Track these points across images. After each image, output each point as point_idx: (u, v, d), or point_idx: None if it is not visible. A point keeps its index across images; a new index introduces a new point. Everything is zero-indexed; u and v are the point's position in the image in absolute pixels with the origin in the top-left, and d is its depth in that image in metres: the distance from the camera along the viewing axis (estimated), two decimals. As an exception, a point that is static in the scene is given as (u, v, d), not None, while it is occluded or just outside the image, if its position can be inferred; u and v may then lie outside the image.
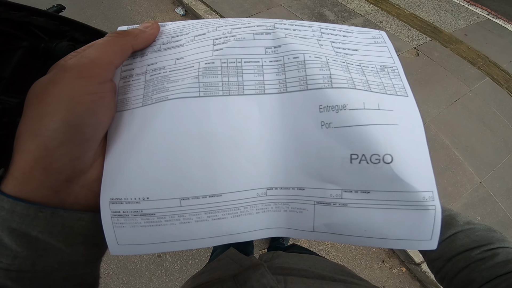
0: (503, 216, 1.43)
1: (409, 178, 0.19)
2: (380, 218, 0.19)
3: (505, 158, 1.62)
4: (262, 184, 0.20)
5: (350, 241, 0.20)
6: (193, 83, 0.20)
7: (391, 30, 2.18)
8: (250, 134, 0.20)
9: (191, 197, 0.19)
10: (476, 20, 2.45)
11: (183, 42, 0.22)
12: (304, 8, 2.27)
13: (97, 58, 0.18)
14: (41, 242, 0.16)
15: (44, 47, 0.24)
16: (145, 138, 0.19)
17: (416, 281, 1.32)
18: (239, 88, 0.20)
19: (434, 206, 0.19)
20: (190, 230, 0.20)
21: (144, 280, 1.19)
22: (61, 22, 0.25)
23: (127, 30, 0.21)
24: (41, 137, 0.16)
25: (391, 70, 0.22)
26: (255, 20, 0.23)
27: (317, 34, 0.23)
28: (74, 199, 0.18)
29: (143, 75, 0.21)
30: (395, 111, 0.20)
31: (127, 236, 0.19)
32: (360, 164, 0.19)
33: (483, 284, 0.27)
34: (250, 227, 0.21)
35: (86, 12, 2.19)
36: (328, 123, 0.19)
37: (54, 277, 0.17)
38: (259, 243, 1.34)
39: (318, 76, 0.20)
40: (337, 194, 0.20)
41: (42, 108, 0.16)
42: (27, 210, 0.16)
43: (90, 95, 0.17)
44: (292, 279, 0.30)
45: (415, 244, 0.19)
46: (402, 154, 0.19)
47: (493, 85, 1.95)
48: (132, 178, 0.19)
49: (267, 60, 0.21)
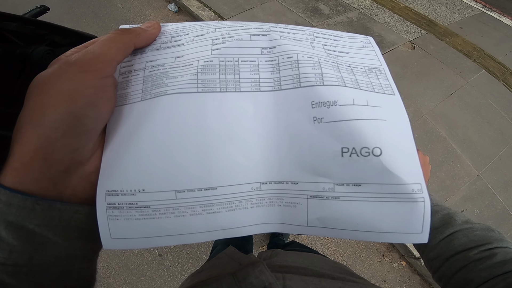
0: (502, 209, 1.43)
1: (397, 170, 0.19)
2: (372, 211, 0.20)
3: (502, 150, 1.62)
4: (256, 178, 0.20)
5: (343, 235, 0.20)
6: (192, 79, 0.21)
7: (386, 24, 2.17)
8: (245, 129, 0.20)
9: (186, 190, 0.19)
10: (471, 13, 2.45)
11: (183, 41, 0.23)
12: (298, 2, 2.25)
13: (100, 54, 0.18)
14: (38, 235, 0.16)
15: (20, 53, 0.23)
16: (143, 131, 0.19)
17: (417, 275, 1.32)
18: (236, 85, 0.21)
19: (423, 198, 0.19)
20: (185, 224, 0.20)
21: (146, 279, 1.21)
22: (37, 26, 0.25)
23: (130, 29, 0.22)
24: (43, 128, 0.16)
25: (378, 71, 0.24)
26: (252, 23, 0.24)
27: (310, 37, 0.25)
28: (72, 191, 0.18)
29: (142, 70, 0.22)
30: (383, 107, 0.21)
31: (121, 229, 0.19)
32: (351, 157, 0.20)
33: (481, 284, 0.27)
34: (245, 222, 0.21)
35: (76, 11, 2.15)
36: (320, 118, 0.20)
37: (51, 271, 0.17)
38: (259, 240, 1.34)
39: (310, 75, 0.21)
40: (329, 188, 0.20)
41: (45, 100, 0.16)
42: (24, 203, 0.16)
43: (93, 88, 0.17)
44: (290, 276, 0.30)
45: (406, 237, 0.20)
46: (390, 148, 0.20)
47: (489, 78, 1.96)
48: (128, 170, 0.19)
49: (263, 59, 0.22)
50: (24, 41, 0.24)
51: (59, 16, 2.05)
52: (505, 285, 0.25)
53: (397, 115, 0.21)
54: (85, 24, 2.07)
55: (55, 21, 0.26)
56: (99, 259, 0.22)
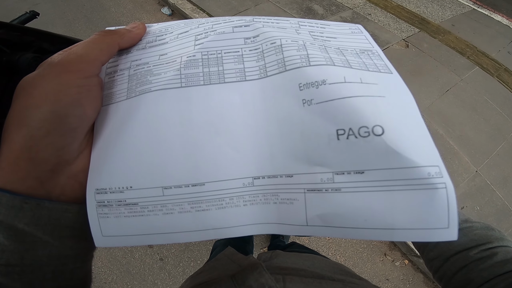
0: (501, 205, 1.43)
1: (406, 151, 0.16)
2: (381, 203, 0.17)
3: (499, 146, 1.63)
4: (248, 173, 0.19)
5: (350, 234, 0.18)
6: (175, 75, 0.20)
7: (380, 23, 2.19)
8: (232, 121, 0.19)
9: (173, 186, 0.19)
10: (462, 10, 2.48)
11: (167, 40, 0.23)
12: (292, 3, 2.26)
13: (83, 54, 0.19)
14: (28, 234, 0.17)
15: (7, 61, 0.23)
16: (129, 128, 0.19)
17: (420, 273, 1.31)
18: (220, 77, 0.20)
19: (445, 184, 0.16)
20: (174, 222, 0.19)
21: (148, 284, 1.21)
22: (23, 33, 0.24)
23: (114, 30, 0.22)
24: (27, 127, 0.16)
25: (371, 52, 0.22)
26: (236, 17, 0.24)
27: (295, 26, 0.24)
28: (60, 191, 0.18)
29: (127, 70, 0.22)
30: (380, 84, 0.19)
31: (111, 227, 0.19)
32: (349, 140, 0.17)
33: (481, 284, 0.26)
34: (238, 221, 0.19)
35: (68, 16, 2.13)
36: (310, 100, 0.18)
37: (43, 271, 0.18)
38: (259, 242, 1.32)
39: (295, 57, 0.20)
40: (328, 178, 0.18)
41: (29, 100, 0.17)
42: (12, 201, 0.16)
43: (76, 87, 0.18)
44: (290, 278, 0.29)
45: (429, 233, 0.16)
46: (394, 125, 0.17)
47: (484, 74, 1.97)
48: (116, 168, 0.19)
49: (247, 49, 0.21)
50: (11, 48, 0.23)
51: (52, 21, 2.04)
52: (506, 285, 0.25)
53: (397, 91, 0.19)
54: (78, 29, 2.06)
55: (47, 26, 0.26)
56: (100, 265, 0.21)
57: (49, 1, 2.19)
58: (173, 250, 1.28)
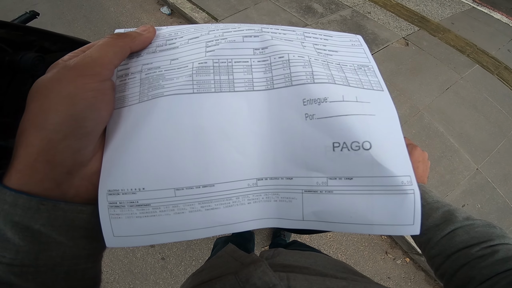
0: (502, 203, 1.43)
1: (387, 163, 0.20)
2: (364, 203, 0.20)
3: (500, 143, 1.63)
4: (252, 174, 0.21)
5: (338, 228, 0.21)
6: (187, 81, 0.21)
7: (379, 21, 2.18)
8: (240, 127, 0.21)
9: (185, 188, 0.20)
10: (462, 8, 2.47)
11: (177, 44, 0.24)
12: (291, 2, 2.25)
13: (98, 58, 0.19)
14: (43, 235, 0.17)
15: (9, 60, 0.23)
16: (141, 131, 0.20)
17: (421, 271, 1.31)
18: (230, 86, 0.22)
19: (413, 190, 0.20)
20: (184, 221, 0.20)
21: (150, 283, 1.21)
22: (25, 32, 0.24)
23: (125, 33, 0.22)
24: (45, 131, 0.17)
25: (367, 68, 0.25)
26: (245, 25, 0.25)
27: (300, 37, 0.25)
28: (75, 192, 0.18)
29: (138, 73, 0.22)
30: (372, 103, 0.22)
31: (123, 227, 0.20)
32: (342, 152, 0.20)
33: (483, 282, 0.27)
34: (242, 217, 0.21)
35: (67, 16, 2.13)
36: (312, 114, 0.21)
37: (56, 271, 0.18)
38: (261, 241, 1.32)
39: (301, 73, 0.22)
40: (323, 182, 0.21)
41: (46, 104, 0.17)
42: (30, 203, 0.16)
43: (92, 91, 0.18)
44: (294, 275, 0.29)
45: (398, 229, 0.20)
46: (380, 141, 0.20)
47: (484, 72, 1.97)
48: (128, 170, 0.19)
49: (256, 60, 0.23)
50: (13, 47, 0.23)
51: (51, 21, 2.04)
52: (507, 282, 0.25)
53: (385, 109, 0.22)
54: (77, 29, 2.05)
55: (46, 27, 0.26)
56: (102, 264, 0.22)
57: (48, 1, 2.19)
58: (174, 249, 1.28)
